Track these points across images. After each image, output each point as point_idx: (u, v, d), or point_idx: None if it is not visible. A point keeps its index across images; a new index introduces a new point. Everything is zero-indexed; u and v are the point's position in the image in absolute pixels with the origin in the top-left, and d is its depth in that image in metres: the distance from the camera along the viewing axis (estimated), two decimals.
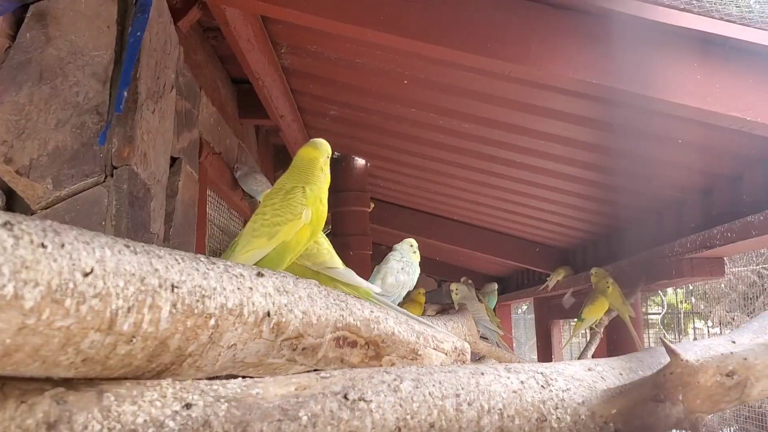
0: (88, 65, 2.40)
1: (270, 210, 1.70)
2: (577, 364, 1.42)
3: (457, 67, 3.36)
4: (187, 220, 3.33)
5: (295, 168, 1.82)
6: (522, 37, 2.72)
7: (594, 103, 3.30)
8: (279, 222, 1.67)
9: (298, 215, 1.68)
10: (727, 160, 3.58)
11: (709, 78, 2.68)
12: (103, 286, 0.93)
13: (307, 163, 1.80)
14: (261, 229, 1.68)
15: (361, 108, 4.54)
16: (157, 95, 2.67)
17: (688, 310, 12.15)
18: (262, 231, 1.68)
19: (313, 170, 1.79)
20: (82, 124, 2.35)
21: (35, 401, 0.93)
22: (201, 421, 1.00)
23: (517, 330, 15.11)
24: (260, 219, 1.70)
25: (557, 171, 4.44)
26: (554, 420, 1.25)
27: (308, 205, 1.70)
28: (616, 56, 2.72)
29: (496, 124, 3.99)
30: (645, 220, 4.85)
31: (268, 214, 1.70)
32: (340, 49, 3.66)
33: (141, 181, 2.52)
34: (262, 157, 5.66)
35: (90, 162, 2.35)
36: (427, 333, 1.69)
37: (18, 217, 0.85)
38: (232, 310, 1.16)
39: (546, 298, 8.24)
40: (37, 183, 2.28)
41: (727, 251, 4.14)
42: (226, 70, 4.50)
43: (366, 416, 1.11)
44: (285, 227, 1.67)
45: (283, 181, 1.80)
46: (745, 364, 1.22)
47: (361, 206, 5.85)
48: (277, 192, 1.75)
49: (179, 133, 3.22)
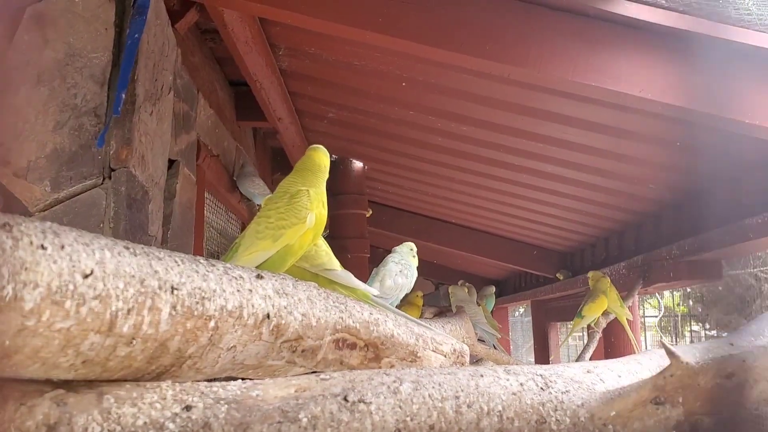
0: (86, 67, 2.40)
1: (275, 213, 1.70)
2: (576, 366, 1.42)
3: (456, 70, 3.36)
4: (185, 223, 3.33)
5: (301, 171, 1.82)
6: (521, 40, 2.72)
7: (593, 106, 3.30)
8: (284, 225, 1.67)
9: (303, 219, 1.68)
10: (726, 163, 3.58)
11: (708, 81, 2.68)
12: (103, 287, 0.93)
13: (313, 167, 1.81)
14: (265, 232, 1.67)
15: (359, 110, 4.54)
16: (154, 97, 2.67)
17: (685, 312, 12.17)
18: (267, 234, 1.67)
19: (319, 174, 1.80)
20: (80, 126, 2.35)
21: (35, 403, 0.93)
22: (201, 423, 1.00)
23: (514, 332, 15.12)
24: (264, 222, 1.70)
25: (556, 174, 4.44)
26: (553, 422, 1.25)
27: (312, 209, 1.70)
28: (615, 59, 2.72)
29: (495, 126, 4.00)
30: (643, 223, 4.85)
31: (273, 217, 1.69)
32: (339, 51, 3.66)
33: (139, 184, 2.51)
34: (260, 159, 5.65)
35: (88, 164, 2.35)
36: (426, 335, 1.69)
37: (17, 219, 0.85)
38: (232, 312, 1.16)
39: (543, 301, 8.25)
40: (35, 185, 2.27)
41: (725, 254, 4.15)
42: (224, 73, 4.49)
43: (366, 418, 1.11)
44: (290, 230, 1.66)
45: (288, 184, 1.80)
46: (744, 366, 1.22)
47: (359, 209, 5.84)
48: (282, 195, 1.75)
49: (177, 135, 3.21)
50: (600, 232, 5.59)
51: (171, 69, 2.90)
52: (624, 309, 4.55)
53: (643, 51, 2.74)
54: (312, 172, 1.80)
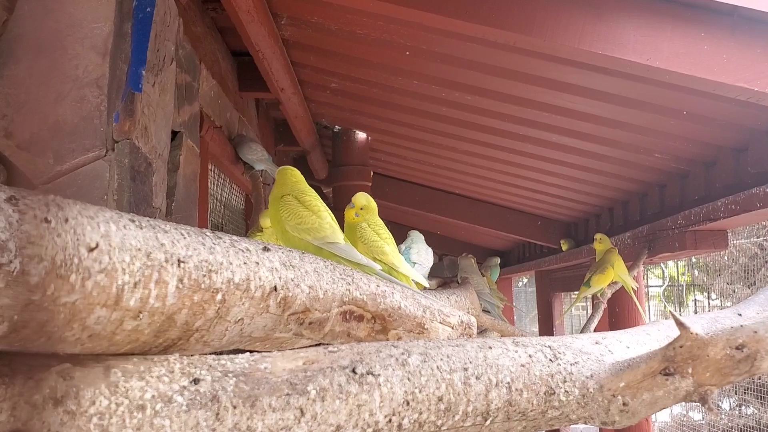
0: (87, 38, 2.36)
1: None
2: (584, 338, 1.42)
3: (460, 38, 3.31)
4: (189, 195, 3.32)
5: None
6: (527, 7, 2.68)
7: (599, 75, 3.26)
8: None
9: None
10: (732, 132, 3.55)
11: (716, 48, 2.64)
12: (109, 261, 0.92)
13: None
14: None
15: (362, 80, 4.50)
16: (157, 68, 2.64)
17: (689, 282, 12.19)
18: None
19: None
20: (82, 97, 2.32)
21: (42, 377, 0.92)
22: (209, 396, 0.99)
23: (518, 303, 15.20)
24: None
25: (561, 143, 4.41)
26: (562, 393, 1.25)
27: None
28: (622, 27, 2.68)
29: (499, 95, 3.96)
30: (648, 193, 4.83)
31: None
32: (341, 20, 3.61)
33: (142, 155, 2.50)
34: (263, 130, 5.62)
35: (91, 136, 2.33)
36: (433, 307, 1.68)
37: (22, 192, 0.84)
38: (239, 284, 1.15)
39: (547, 272, 8.26)
40: (38, 158, 2.26)
41: (731, 224, 4.13)
42: (226, 43, 4.45)
43: (374, 390, 1.11)
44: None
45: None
46: (755, 337, 1.21)
47: (362, 180, 5.82)
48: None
49: (180, 106, 3.19)
50: (605, 201, 5.57)
51: (173, 39, 2.86)
52: (631, 278, 4.56)
53: (650, 18, 2.70)
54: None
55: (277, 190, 2.10)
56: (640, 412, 1.26)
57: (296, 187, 2.07)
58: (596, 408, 1.26)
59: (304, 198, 2.01)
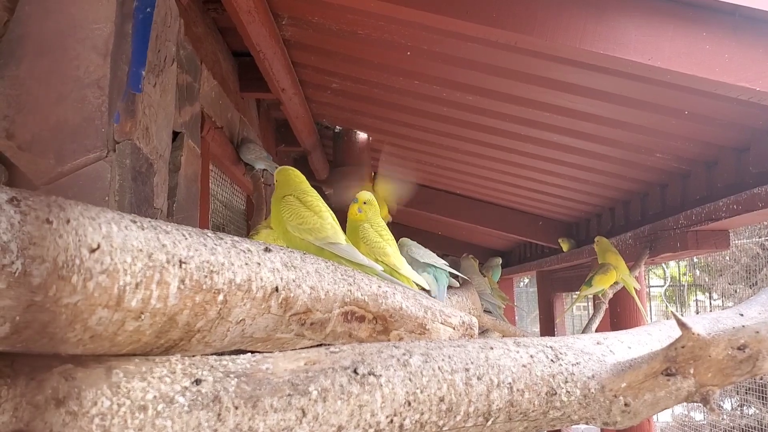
0: (87, 38, 2.36)
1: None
2: (586, 338, 1.42)
3: (461, 38, 3.31)
4: (190, 195, 3.32)
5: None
6: (528, 7, 2.68)
7: (601, 74, 3.26)
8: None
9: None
10: (734, 132, 3.55)
11: (718, 48, 2.64)
12: (110, 262, 0.92)
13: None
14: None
15: (363, 81, 4.50)
16: (158, 69, 2.64)
17: (690, 282, 12.18)
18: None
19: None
20: (83, 98, 2.32)
21: (44, 378, 0.92)
22: (211, 397, 0.99)
23: (519, 303, 15.18)
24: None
25: (561, 143, 4.41)
26: (564, 394, 1.25)
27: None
28: (623, 27, 2.68)
29: (501, 96, 3.95)
30: (649, 193, 4.83)
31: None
32: (342, 20, 3.61)
33: (143, 156, 2.50)
34: (264, 131, 5.62)
35: (92, 137, 2.33)
36: (435, 307, 1.68)
37: (24, 193, 0.84)
38: (241, 285, 1.15)
39: (549, 272, 8.25)
40: (39, 158, 2.26)
41: (733, 224, 4.13)
42: (227, 43, 4.45)
43: (376, 390, 1.11)
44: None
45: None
46: (757, 337, 1.21)
47: (363, 181, 5.81)
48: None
49: (181, 107, 3.19)
50: (606, 201, 5.56)
51: (174, 40, 2.86)
52: (632, 279, 4.56)
53: (652, 18, 2.70)
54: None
55: (278, 191, 2.10)
56: (642, 412, 1.26)
57: (298, 187, 2.08)
58: (598, 408, 1.26)
59: (305, 198, 2.01)
